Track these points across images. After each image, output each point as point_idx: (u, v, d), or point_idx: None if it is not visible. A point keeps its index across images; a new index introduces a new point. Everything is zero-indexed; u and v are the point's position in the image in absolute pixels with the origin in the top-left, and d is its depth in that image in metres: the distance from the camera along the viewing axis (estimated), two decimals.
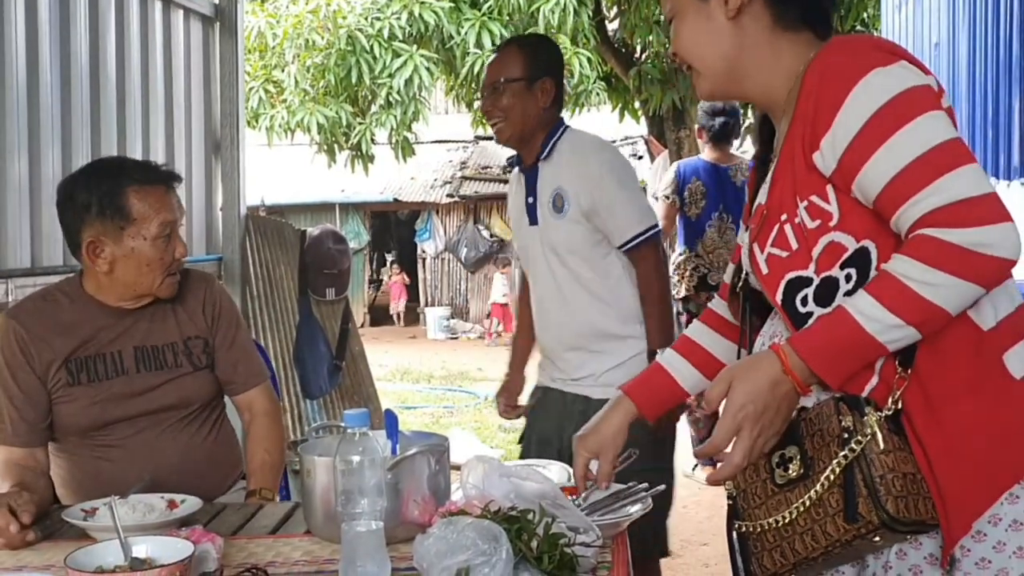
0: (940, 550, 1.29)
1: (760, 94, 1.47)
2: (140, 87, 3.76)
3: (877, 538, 1.26)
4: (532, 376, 2.78)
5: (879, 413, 1.27)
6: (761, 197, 1.44)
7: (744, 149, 12.56)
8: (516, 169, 2.64)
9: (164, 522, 1.65)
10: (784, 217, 1.37)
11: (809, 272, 1.36)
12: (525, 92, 2.48)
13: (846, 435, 1.27)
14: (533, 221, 2.55)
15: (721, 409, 1.34)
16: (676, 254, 4.75)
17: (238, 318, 2.25)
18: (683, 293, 4.68)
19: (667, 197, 4.73)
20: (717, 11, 1.43)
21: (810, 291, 1.36)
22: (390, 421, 1.71)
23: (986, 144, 4.29)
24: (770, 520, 1.34)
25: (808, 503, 1.29)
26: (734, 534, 1.40)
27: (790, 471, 1.32)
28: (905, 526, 1.25)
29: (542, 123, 2.52)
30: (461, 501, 1.43)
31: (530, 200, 2.55)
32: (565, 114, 2.89)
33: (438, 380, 9.12)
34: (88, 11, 3.43)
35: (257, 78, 9.86)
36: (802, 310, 1.36)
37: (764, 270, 1.41)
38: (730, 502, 1.42)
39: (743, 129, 11.64)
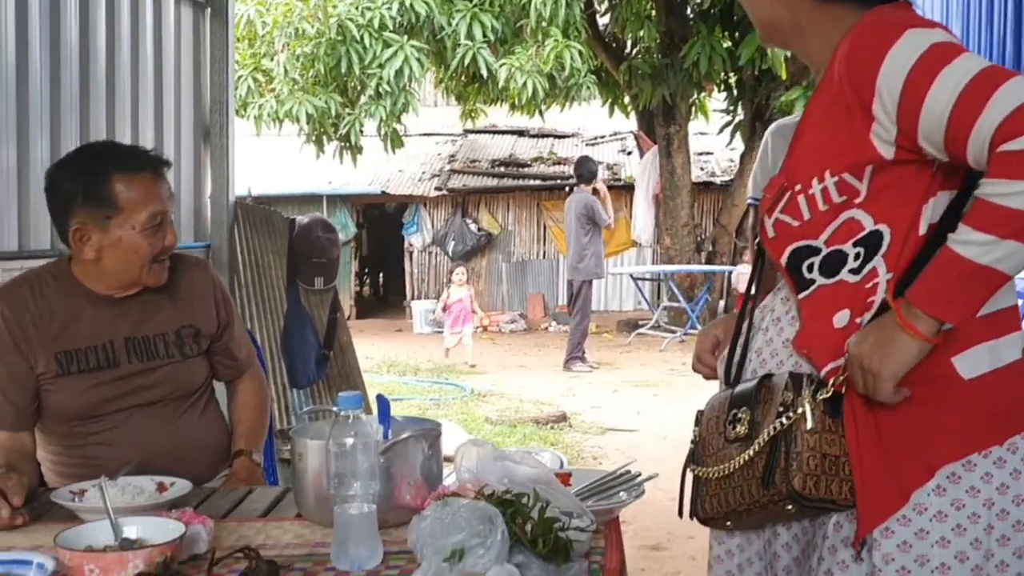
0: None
1: (803, 55, 1.50)
2: (130, 73, 3.74)
3: (790, 506, 1.36)
4: None
5: (817, 394, 1.34)
6: (776, 169, 1.47)
7: (733, 147, 12.61)
8: None
9: (153, 504, 1.64)
10: (798, 188, 1.39)
11: (819, 243, 1.40)
12: None
13: (782, 408, 1.36)
14: None
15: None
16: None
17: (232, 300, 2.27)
18: None
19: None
20: None
21: (817, 260, 1.40)
22: (382, 406, 1.70)
23: None
24: (715, 469, 1.45)
25: (743, 462, 1.40)
26: (688, 474, 1.53)
27: (738, 430, 1.43)
28: (811, 502, 1.33)
29: None
30: (454, 485, 1.42)
31: None
32: (556, 108, 3.52)
33: (424, 372, 9.09)
34: None
35: (246, 67, 9.81)
36: (807, 276, 1.40)
37: (770, 234, 1.45)
38: (692, 446, 1.55)
39: (732, 127, 11.68)
